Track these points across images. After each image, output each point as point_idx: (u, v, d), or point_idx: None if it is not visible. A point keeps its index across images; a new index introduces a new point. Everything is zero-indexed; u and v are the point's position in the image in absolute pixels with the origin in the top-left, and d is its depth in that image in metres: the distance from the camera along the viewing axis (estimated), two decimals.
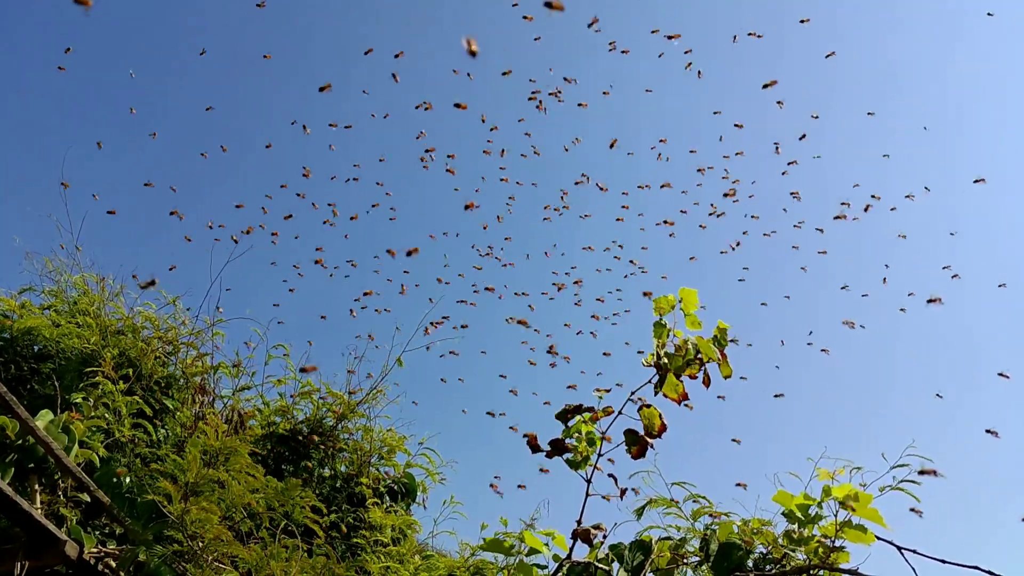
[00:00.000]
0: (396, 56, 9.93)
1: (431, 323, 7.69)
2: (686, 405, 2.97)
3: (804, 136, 11.62)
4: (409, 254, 8.79)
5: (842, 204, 11.13)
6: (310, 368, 6.43)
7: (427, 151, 10.79)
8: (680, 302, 2.93)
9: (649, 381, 2.95)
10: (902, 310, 11.29)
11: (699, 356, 2.92)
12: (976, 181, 11.04)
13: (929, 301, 9.10)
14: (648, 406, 2.76)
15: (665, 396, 2.81)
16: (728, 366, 2.99)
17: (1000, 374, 9.90)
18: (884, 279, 12.00)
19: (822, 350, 10.99)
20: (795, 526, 3.24)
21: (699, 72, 11.24)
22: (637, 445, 2.77)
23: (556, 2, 2.29)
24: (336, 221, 10.85)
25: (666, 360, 2.87)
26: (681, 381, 2.81)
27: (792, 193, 11.37)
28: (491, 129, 11.15)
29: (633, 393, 2.84)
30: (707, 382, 2.98)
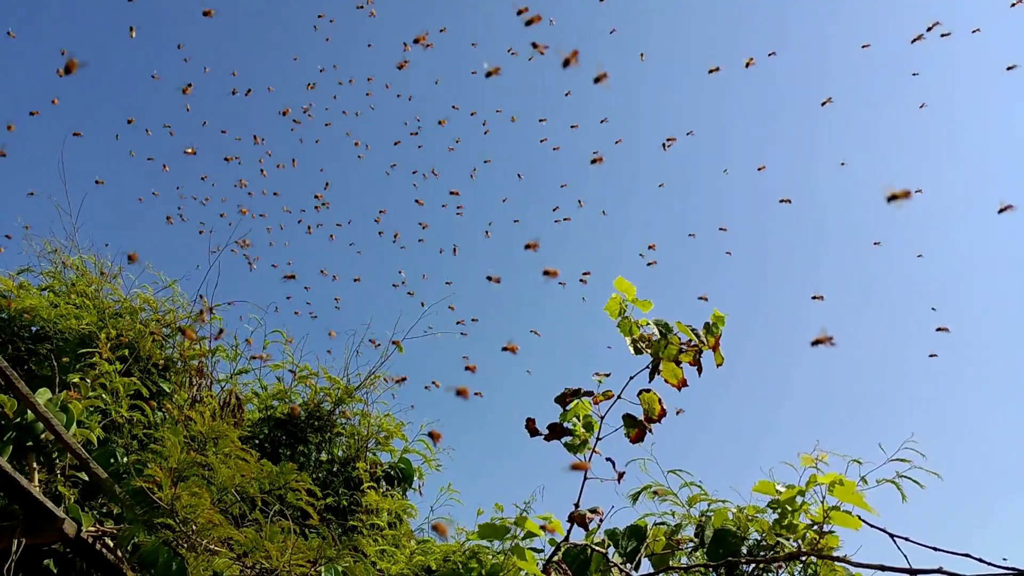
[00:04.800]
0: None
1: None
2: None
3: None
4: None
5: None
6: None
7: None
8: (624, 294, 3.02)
9: (646, 368, 2.98)
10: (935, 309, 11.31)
11: (692, 344, 2.95)
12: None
13: (1001, 210, 8.81)
14: (648, 391, 2.79)
15: (666, 382, 2.85)
16: (720, 355, 3.04)
17: None
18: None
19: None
20: (777, 514, 3.27)
21: None
22: (636, 429, 2.79)
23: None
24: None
25: (644, 345, 2.93)
26: (681, 367, 2.84)
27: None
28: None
29: (632, 378, 2.87)
30: (699, 369, 3.01)
